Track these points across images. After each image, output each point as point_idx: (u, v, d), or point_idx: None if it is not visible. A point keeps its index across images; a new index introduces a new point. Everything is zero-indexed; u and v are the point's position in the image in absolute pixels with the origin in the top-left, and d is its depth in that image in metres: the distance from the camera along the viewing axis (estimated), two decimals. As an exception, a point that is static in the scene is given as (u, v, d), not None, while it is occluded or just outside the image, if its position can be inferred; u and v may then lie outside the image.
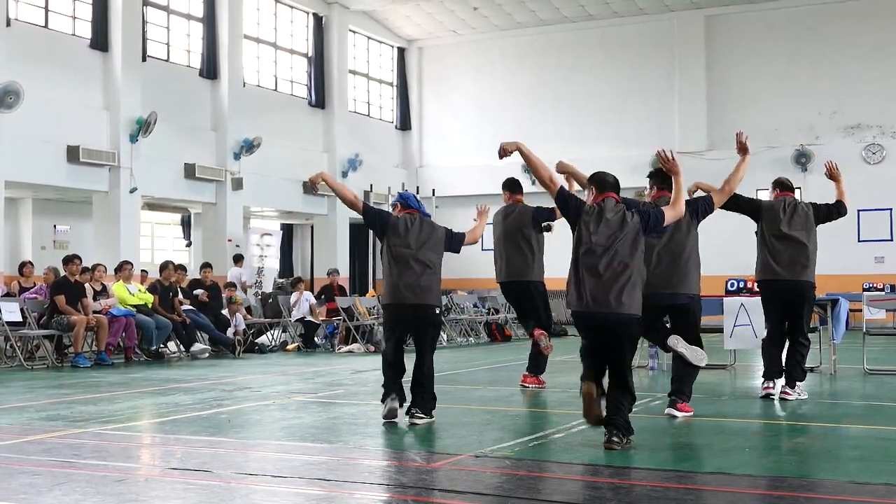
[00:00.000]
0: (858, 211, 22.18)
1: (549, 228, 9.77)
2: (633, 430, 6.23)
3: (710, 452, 6.23)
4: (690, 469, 5.71)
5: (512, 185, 10.03)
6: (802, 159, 23.15)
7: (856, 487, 5.09)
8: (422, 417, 7.19)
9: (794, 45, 23.70)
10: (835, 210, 9.13)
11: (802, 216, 8.74)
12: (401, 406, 7.30)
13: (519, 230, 9.66)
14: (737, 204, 8.68)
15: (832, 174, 8.99)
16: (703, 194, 8.00)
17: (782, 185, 9.01)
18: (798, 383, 8.55)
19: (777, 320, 8.77)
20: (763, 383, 8.75)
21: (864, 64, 23.02)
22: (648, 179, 7.96)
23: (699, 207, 7.21)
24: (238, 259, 20.04)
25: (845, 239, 22.27)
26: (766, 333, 9.04)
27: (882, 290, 17.45)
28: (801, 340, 8.61)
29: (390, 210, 7.83)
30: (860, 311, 12.29)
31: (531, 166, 6.66)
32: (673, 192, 6.88)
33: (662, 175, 7.50)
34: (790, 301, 8.66)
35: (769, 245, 8.70)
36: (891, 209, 21.23)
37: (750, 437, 6.84)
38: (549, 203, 7.77)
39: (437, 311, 7.40)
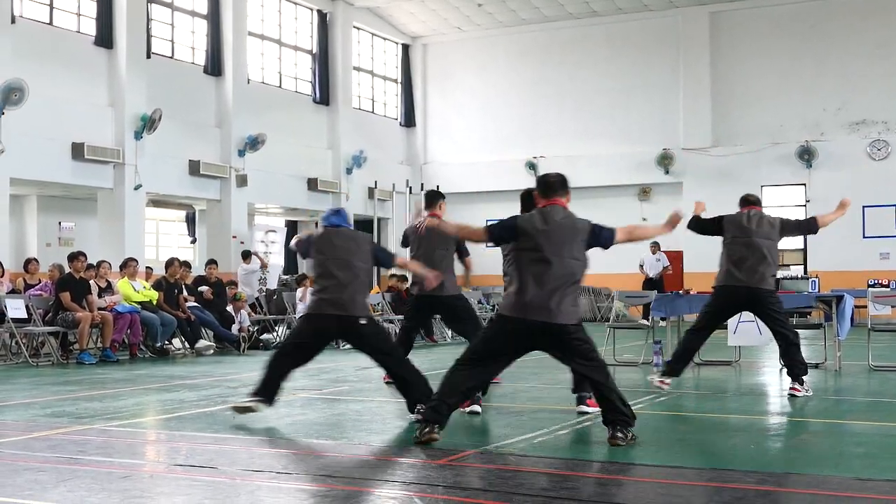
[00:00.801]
0: (864, 207, 22.16)
1: None
2: (634, 422, 6.17)
3: (715, 449, 6.22)
4: (695, 465, 5.71)
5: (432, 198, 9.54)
6: (807, 156, 23.13)
7: (860, 484, 5.09)
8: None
9: (799, 42, 23.67)
10: (805, 226, 9.33)
11: (767, 227, 8.79)
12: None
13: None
14: (701, 227, 8.95)
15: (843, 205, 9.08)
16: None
17: (746, 202, 9.07)
18: (804, 379, 8.55)
19: (716, 320, 8.95)
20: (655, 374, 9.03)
21: (868, 60, 22.98)
22: None
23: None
24: (246, 256, 20.02)
25: (850, 235, 22.26)
26: (694, 325, 9.13)
27: (887, 286, 17.46)
28: (789, 338, 8.63)
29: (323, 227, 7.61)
30: (865, 307, 12.29)
31: (461, 236, 6.80)
32: (641, 229, 6.98)
33: None
34: (745, 307, 8.88)
35: (731, 252, 8.78)
36: (895, 206, 21.18)
37: (755, 433, 6.83)
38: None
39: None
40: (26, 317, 13.05)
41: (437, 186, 25.92)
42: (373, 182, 25.05)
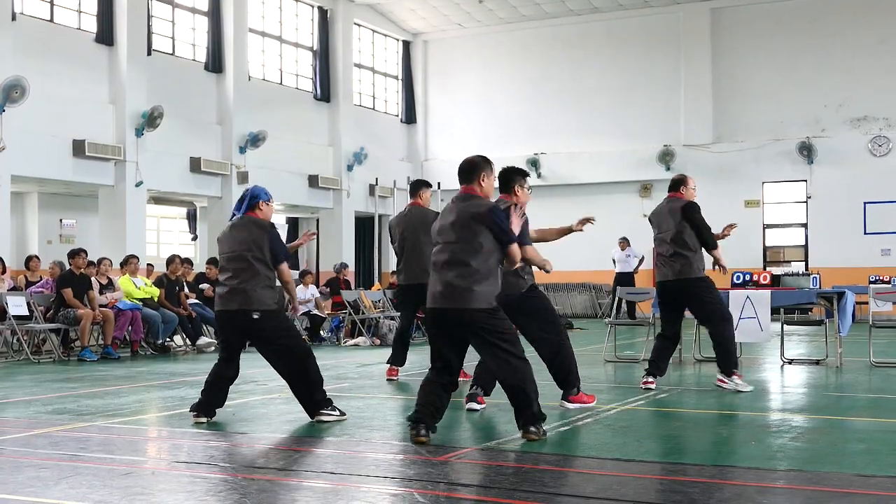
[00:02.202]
0: (865, 203, 22.16)
1: None
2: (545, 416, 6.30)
3: (716, 445, 6.23)
4: (696, 462, 5.71)
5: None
6: (808, 152, 23.11)
7: (862, 480, 5.09)
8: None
9: (800, 38, 23.64)
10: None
11: (666, 217, 8.90)
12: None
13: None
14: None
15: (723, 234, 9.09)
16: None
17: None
18: (735, 371, 8.60)
19: (672, 319, 9.01)
20: (643, 377, 9.01)
21: (870, 56, 22.96)
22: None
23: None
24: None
25: (851, 231, 22.27)
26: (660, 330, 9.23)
27: (888, 282, 17.44)
28: (711, 331, 8.72)
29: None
30: (866, 303, 12.28)
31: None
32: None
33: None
34: (678, 300, 8.92)
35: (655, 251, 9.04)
36: (896, 202, 21.20)
37: (755, 429, 6.83)
38: None
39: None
40: (28, 314, 13.07)
41: (439, 183, 25.95)
42: (374, 179, 25.05)
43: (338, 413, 7.14)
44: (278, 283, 7.21)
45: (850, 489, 4.93)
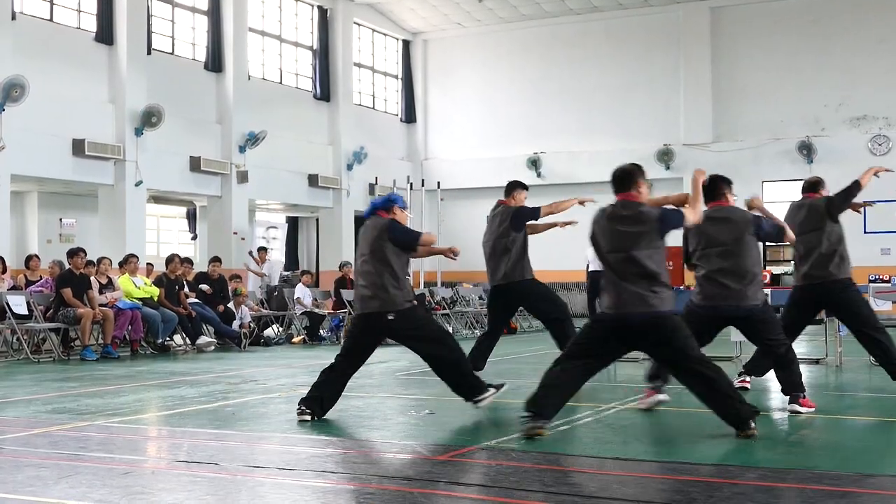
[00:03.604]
0: (864, 202, 22.10)
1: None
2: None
3: (716, 445, 6.22)
4: (696, 461, 5.71)
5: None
6: (807, 151, 23.11)
7: (862, 480, 5.09)
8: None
9: (800, 37, 23.63)
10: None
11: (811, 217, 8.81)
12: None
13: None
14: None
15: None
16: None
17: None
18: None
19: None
20: None
21: (869, 55, 22.95)
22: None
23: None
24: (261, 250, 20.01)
25: (851, 231, 22.10)
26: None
27: (888, 281, 17.44)
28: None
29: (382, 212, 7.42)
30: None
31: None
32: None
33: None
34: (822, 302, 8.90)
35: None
36: (896, 201, 21.18)
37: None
38: None
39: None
40: (27, 313, 13.06)
41: (438, 183, 25.96)
42: (373, 178, 25.04)
43: (493, 389, 7.23)
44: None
45: (850, 488, 4.93)
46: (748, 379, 8.58)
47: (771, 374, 8.29)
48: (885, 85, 22.77)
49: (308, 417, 7.03)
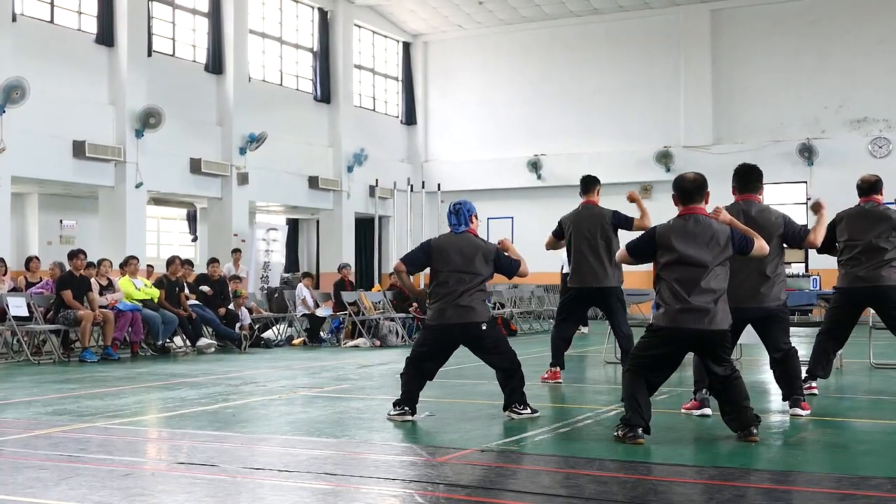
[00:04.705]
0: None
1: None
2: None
3: (716, 447, 6.22)
4: (697, 463, 5.71)
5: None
6: (808, 153, 23.11)
7: (862, 482, 5.09)
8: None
9: (800, 39, 23.64)
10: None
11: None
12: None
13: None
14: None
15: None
16: None
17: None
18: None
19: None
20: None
21: (870, 57, 22.95)
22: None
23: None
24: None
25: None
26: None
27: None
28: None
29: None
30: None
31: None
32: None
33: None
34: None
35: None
36: (897, 203, 21.21)
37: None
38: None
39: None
40: (28, 315, 13.06)
41: (438, 185, 25.97)
42: (374, 180, 25.05)
43: (528, 411, 7.29)
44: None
45: (850, 490, 4.93)
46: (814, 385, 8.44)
47: (770, 377, 8.29)
48: (886, 87, 22.77)
49: None
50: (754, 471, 5.46)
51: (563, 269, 18.22)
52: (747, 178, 7.52)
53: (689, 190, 6.52)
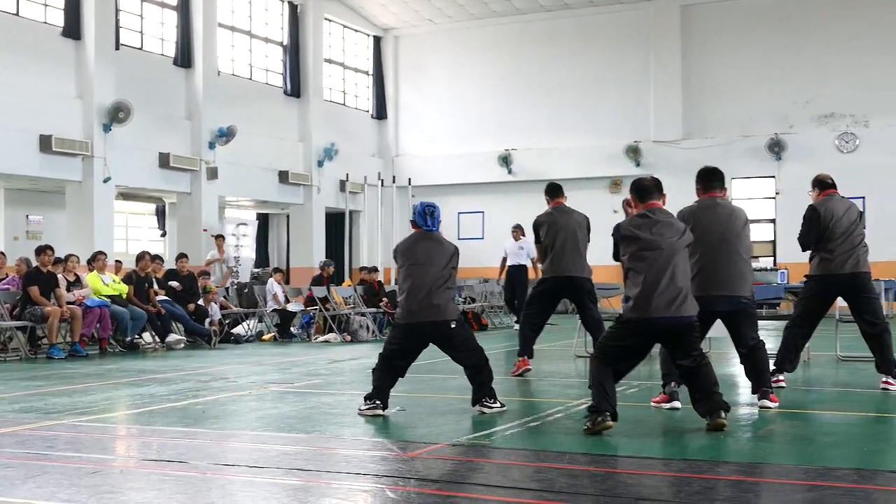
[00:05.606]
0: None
1: None
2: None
3: (686, 440, 6.26)
4: (666, 456, 5.75)
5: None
6: (776, 148, 23.31)
7: (828, 473, 5.14)
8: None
9: (769, 35, 23.82)
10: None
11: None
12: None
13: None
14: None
15: None
16: None
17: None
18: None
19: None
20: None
21: (837, 54, 23.17)
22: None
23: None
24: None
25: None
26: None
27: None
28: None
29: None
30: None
31: None
32: None
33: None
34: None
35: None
36: (863, 198, 21.38)
37: (724, 424, 6.88)
38: None
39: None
40: (-6, 311, 12.91)
41: (409, 179, 25.97)
42: (344, 175, 24.99)
43: (498, 405, 7.32)
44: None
45: (817, 482, 4.98)
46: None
47: (738, 371, 8.36)
48: (853, 83, 23.00)
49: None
50: (723, 463, 5.50)
51: (504, 261, 18.25)
52: (710, 178, 7.74)
53: (648, 187, 6.80)
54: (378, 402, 7.22)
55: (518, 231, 18.07)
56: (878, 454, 5.81)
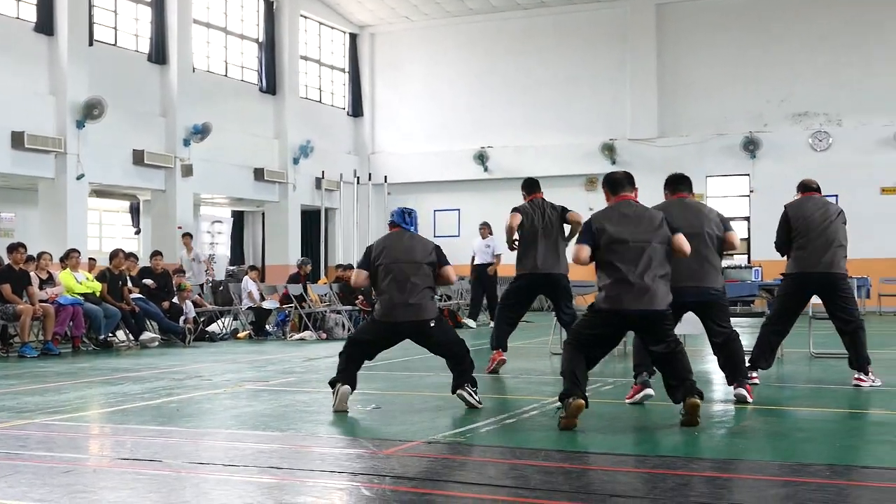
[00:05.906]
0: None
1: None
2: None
3: (660, 436, 6.30)
4: (641, 452, 5.77)
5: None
6: (751, 146, 23.46)
7: (801, 469, 5.18)
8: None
9: (744, 34, 23.96)
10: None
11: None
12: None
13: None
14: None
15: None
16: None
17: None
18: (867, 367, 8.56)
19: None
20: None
21: (811, 52, 23.34)
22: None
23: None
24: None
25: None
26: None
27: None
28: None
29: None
30: (806, 295, 12.44)
31: None
32: None
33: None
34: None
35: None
36: (836, 196, 21.55)
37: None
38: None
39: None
40: (-35, 309, 12.79)
41: (385, 177, 25.94)
42: (320, 172, 24.92)
43: (477, 399, 7.31)
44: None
45: (790, 478, 5.02)
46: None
47: (713, 367, 8.41)
48: (827, 82, 23.18)
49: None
50: (697, 459, 5.53)
51: (473, 260, 18.27)
52: (678, 182, 7.88)
53: (619, 179, 6.89)
54: (344, 383, 7.24)
55: (485, 228, 18.03)
56: (851, 450, 5.86)
